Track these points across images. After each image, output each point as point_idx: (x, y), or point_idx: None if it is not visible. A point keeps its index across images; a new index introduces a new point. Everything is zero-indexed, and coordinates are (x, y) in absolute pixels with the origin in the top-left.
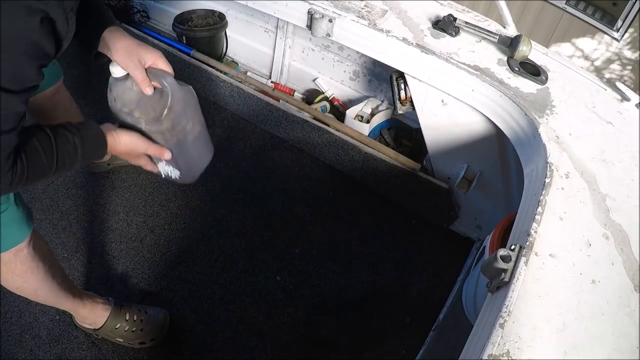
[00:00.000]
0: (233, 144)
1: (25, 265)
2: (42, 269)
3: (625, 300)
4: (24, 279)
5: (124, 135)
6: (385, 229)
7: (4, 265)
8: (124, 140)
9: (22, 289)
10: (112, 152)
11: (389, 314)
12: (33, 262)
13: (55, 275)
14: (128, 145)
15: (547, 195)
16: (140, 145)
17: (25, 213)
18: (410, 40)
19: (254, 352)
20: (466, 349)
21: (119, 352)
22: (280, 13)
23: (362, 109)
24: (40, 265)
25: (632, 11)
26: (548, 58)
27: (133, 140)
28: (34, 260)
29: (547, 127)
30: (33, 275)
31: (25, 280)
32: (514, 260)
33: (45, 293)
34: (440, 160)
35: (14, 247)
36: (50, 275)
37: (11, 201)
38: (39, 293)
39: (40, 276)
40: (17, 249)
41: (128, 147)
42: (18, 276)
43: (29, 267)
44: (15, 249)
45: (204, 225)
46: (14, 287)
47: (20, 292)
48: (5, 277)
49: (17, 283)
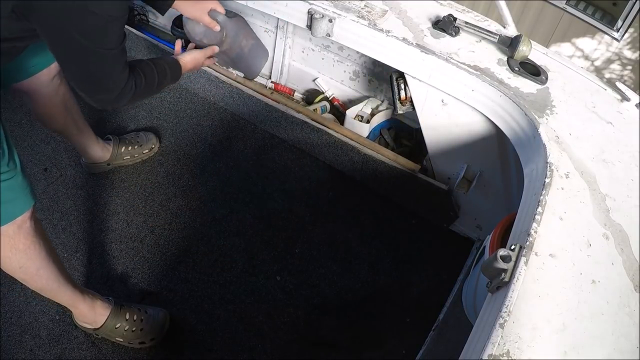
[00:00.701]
0: (233, 144)
1: (28, 240)
2: (44, 248)
3: (625, 300)
4: (28, 256)
5: (186, 56)
6: (385, 229)
7: (8, 241)
8: (187, 59)
9: (24, 268)
10: (185, 71)
11: (389, 314)
12: (35, 238)
13: (56, 260)
14: (191, 61)
15: (547, 195)
16: (198, 56)
17: (29, 183)
18: (410, 40)
19: (254, 352)
20: (466, 349)
21: (119, 352)
22: (280, 13)
23: (362, 109)
24: (42, 243)
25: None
26: (548, 58)
27: (192, 55)
28: (36, 236)
29: (547, 127)
30: (36, 252)
31: (28, 257)
32: (514, 260)
33: (47, 275)
34: (440, 160)
35: (19, 217)
36: (51, 257)
37: (18, 169)
38: (42, 274)
39: (42, 254)
40: (22, 219)
41: (192, 62)
42: (22, 252)
43: (32, 242)
44: (20, 219)
45: (204, 225)
46: (17, 266)
47: (24, 273)
48: (9, 255)
49: (21, 261)
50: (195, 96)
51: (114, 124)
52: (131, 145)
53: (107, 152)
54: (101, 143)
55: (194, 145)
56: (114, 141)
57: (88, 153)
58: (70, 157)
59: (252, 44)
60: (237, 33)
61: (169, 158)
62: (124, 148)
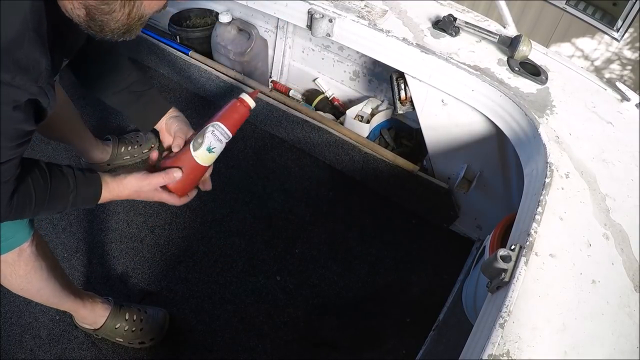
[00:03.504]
0: (233, 144)
1: (29, 266)
2: (45, 269)
3: (625, 300)
4: (28, 280)
5: (123, 178)
6: (385, 229)
7: (7, 267)
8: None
9: (25, 290)
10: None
11: (389, 314)
12: (36, 262)
13: (57, 275)
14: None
15: (547, 195)
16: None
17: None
18: (410, 40)
19: (254, 352)
20: (466, 349)
21: (119, 352)
22: (280, 13)
23: (362, 109)
24: (43, 265)
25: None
26: (548, 58)
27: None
28: (37, 260)
29: (547, 127)
30: (37, 276)
31: (28, 281)
32: (514, 260)
33: (48, 293)
34: (440, 160)
35: (17, 247)
36: (52, 275)
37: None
38: (42, 293)
39: (43, 276)
40: (21, 248)
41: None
42: (22, 277)
43: (32, 267)
44: (19, 248)
45: (204, 225)
46: (18, 288)
47: (24, 294)
48: (9, 279)
49: (21, 284)
50: (195, 96)
51: (113, 123)
52: (131, 145)
53: (106, 153)
54: (101, 144)
55: None
56: (113, 141)
57: (88, 155)
58: (70, 157)
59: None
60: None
61: None
62: (124, 148)
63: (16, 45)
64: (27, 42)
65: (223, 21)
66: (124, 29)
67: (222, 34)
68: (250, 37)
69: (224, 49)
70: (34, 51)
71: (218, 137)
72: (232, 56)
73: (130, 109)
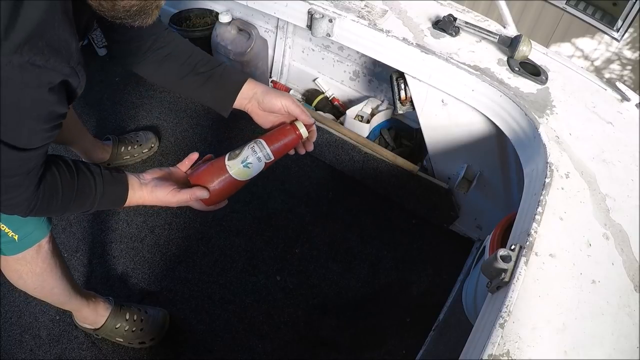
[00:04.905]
0: (233, 144)
1: (45, 263)
2: (60, 267)
3: (625, 300)
4: (43, 278)
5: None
6: (385, 229)
7: (25, 266)
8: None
9: (39, 288)
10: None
11: (389, 314)
12: (52, 260)
13: (68, 276)
14: (161, 200)
15: (547, 195)
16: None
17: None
18: (410, 40)
19: (254, 352)
20: (466, 349)
21: (119, 352)
22: (280, 13)
23: (362, 109)
24: (57, 263)
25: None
26: (548, 58)
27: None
28: (53, 257)
29: (547, 127)
30: (52, 274)
31: (44, 279)
32: (514, 260)
33: (59, 292)
34: (440, 160)
35: (37, 243)
36: (64, 273)
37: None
38: (55, 292)
39: (57, 274)
40: (40, 244)
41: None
42: (38, 275)
43: (48, 265)
44: (38, 245)
45: (204, 225)
46: (32, 288)
47: (36, 293)
48: (25, 278)
49: (36, 283)
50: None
51: (113, 123)
52: (131, 145)
53: (106, 153)
54: (100, 145)
55: (194, 145)
56: (113, 141)
57: (88, 155)
58: (70, 157)
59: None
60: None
61: (169, 158)
62: (124, 148)
63: (47, 27)
64: (57, 23)
65: (223, 21)
66: (138, 6)
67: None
68: (250, 37)
69: (224, 49)
70: (64, 32)
71: (257, 154)
72: (232, 56)
73: (199, 93)
